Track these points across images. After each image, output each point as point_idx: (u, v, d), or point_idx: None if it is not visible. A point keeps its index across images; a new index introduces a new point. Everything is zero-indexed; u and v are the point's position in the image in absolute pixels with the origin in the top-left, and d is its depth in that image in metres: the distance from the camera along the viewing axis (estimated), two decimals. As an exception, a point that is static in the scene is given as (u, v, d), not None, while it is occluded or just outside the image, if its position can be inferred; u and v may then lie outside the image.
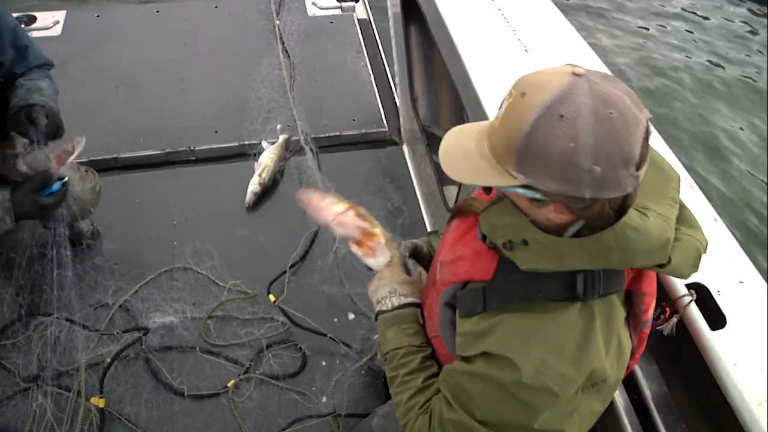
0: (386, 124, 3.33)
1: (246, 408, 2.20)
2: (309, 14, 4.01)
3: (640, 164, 0.89)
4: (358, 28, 3.92)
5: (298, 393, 2.24)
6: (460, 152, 1.01)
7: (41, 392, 2.14)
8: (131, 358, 2.29)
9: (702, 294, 1.35)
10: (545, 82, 0.90)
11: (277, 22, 3.83)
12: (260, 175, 2.90)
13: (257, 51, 3.65)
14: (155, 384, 2.24)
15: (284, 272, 2.56)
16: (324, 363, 2.33)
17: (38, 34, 3.63)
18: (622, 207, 0.94)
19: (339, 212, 1.50)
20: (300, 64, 3.58)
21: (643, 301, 1.13)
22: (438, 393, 1.20)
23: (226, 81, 3.48)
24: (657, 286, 1.17)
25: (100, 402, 2.12)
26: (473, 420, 1.07)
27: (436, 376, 1.26)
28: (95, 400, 2.12)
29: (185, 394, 2.21)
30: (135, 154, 3.08)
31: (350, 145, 3.27)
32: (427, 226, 2.83)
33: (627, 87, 0.90)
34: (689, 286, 1.35)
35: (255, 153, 3.04)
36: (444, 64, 2.14)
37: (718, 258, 1.46)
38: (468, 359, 1.10)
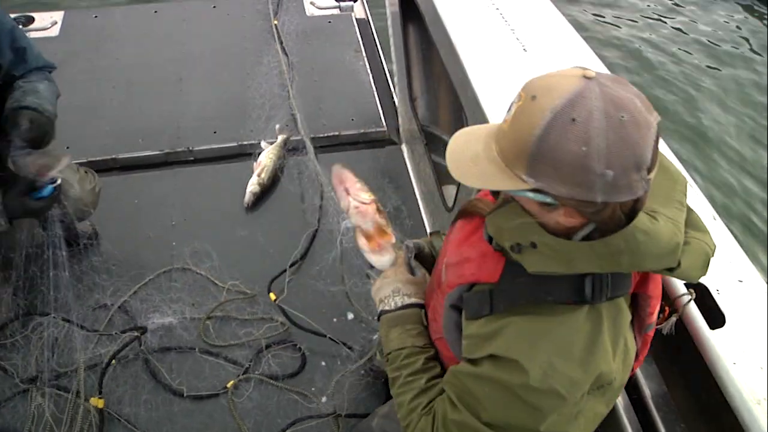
0: (385, 124, 3.33)
1: (245, 408, 2.19)
2: (307, 14, 4.01)
3: (651, 167, 0.89)
4: (357, 28, 3.92)
5: (298, 393, 2.24)
6: (468, 156, 1.00)
7: (40, 393, 2.14)
8: (130, 359, 2.29)
9: (701, 293, 1.35)
10: (556, 85, 0.89)
11: (275, 22, 3.82)
12: (259, 176, 2.90)
13: (256, 51, 3.65)
14: (154, 385, 2.24)
15: (284, 271, 2.56)
16: (323, 363, 2.33)
17: (36, 35, 3.62)
18: (633, 210, 0.94)
19: (365, 201, 1.49)
20: (298, 64, 3.57)
21: (649, 304, 1.13)
22: (441, 394, 1.19)
23: (225, 81, 3.48)
24: (657, 287, 1.16)
25: (99, 402, 2.12)
26: (479, 422, 1.06)
27: (440, 378, 1.25)
28: (94, 401, 2.12)
29: (184, 395, 2.21)
30: (133, 155, 3.07)
31: (349, 145, 3.26)
32: (426, 226, 2.83)
33: (636, 89, 0.89)
34: (688, 285, 1.34)
35: (254, 153, 3.04)
36: (442, 64, 2.14)
37: (717, 257, 1.46)
38: (474, 361, 1.09)
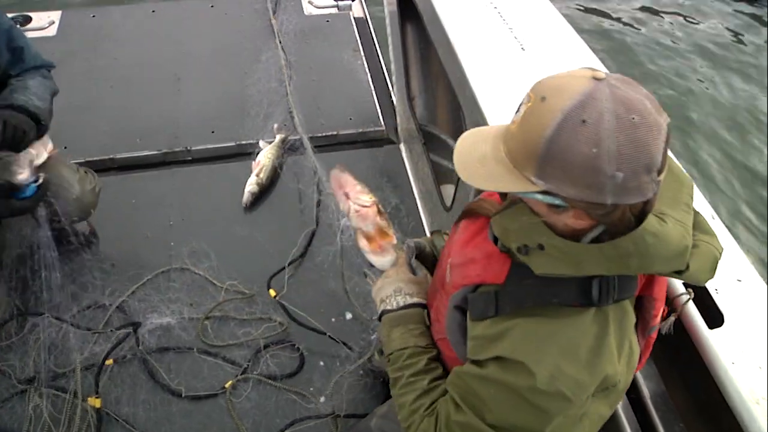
0: (383, 123, 3.32)
1: (244, 409, 2.19)
2: (305, 13, 4.00)
3: (661, 169, 0.89)
4: (355, 27, 3.90)
5: (296, 393, 2.23)
6: (476, 157, 0.99)
7: (38, 394, 2.14)
8: (128, 359, 2.29)
9: (700, 292, 1.34)
10: (566, 87, 0.88)
11: (274, 21, 3.81)
12: (258, 175, 2.90)
13: (254, 50, 3.64)
14: (153, 385, 2.24)
15: (283, 268, 2.56)
16: (322, 363, 2.32)
17: (33, 35, 3.61)
18: (642, 213, 0.94)
19: (366, 204, 1.48)
20: (296, 63, 3.57)
21: (654, 307, 1.13)
22: (444, 395, 1.19)
23: (223, 80, 3.47)
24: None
25: (96, 402, 2.12)
26: (483, 423, 1.06)
27: (442, 379, 1.25)
28: (92, 401, 2.12)
29: (183, 395, 2.21)
30: (131, 155, 3.07)
31: (347, 144, 3.26)
32: (425, 225, 2.83)
33: (646, 91, 0.89)
34: (687, 285, 1.34)
35: (252, 152, 3.03)
36: (440, 63, 2.14)
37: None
38: (480, 363, 1.09)
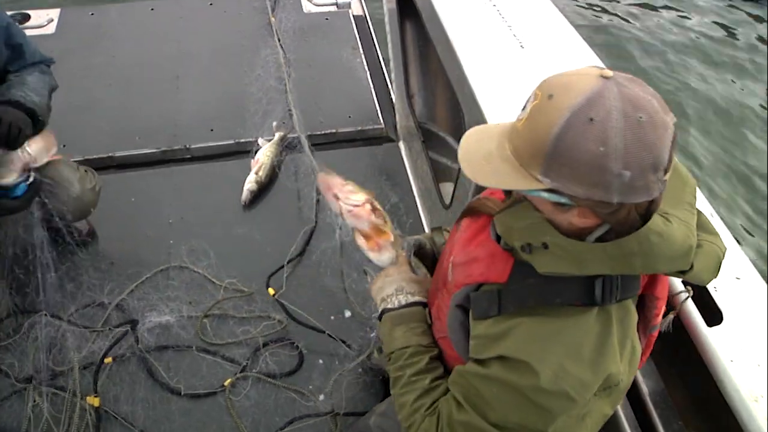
0: (382, 121, 3.32)
1: (243, 407, 2.19)
2: (304, 11, 3.99)
3: (667, 169, 0.89)
4: (354, 25, 3.90)
5: (296, 391, 2.23)
6: (481, 154, 0.99)
7: (37, 393, 2.14)
8: (127, 358, 2.28)
9: (698, 290, 1.34)
10: (573, 85, 0.88)
11: (273, 19, 3.81)
12: (257, 173, 2.89)
13: (252, 48, 3.63)
14: (152, 383, 2.24)
15: (282, 266, 2.56)
16: (321, 361, 2.32)
17: (32, 32, 3.60)
18: (648, 212, 0.94)
19: (356, 204, 1.46)
20: (295, 61, 3.56)
21: (656, 306, 1.13)
22: (445, 395, 1.18)
23: (222, 79, 3.46)
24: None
25: (95, 401, 2.12)
26: (486, 422, 1.06)
27: (443, 378, 1.25)
28: (90, 399, 2.12)
29: (182, 394, 2.21)
30: (130, 153, 3.06)
31: (346, 143, 3.25)
32: (424, 223, 2.83)
33: (653, 90, 0.89)
34: (686, 283, 1.34)
35: (251, 151, 3.03)
36: (439, 61, 2.13)
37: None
38: (482, 362, 1.09)
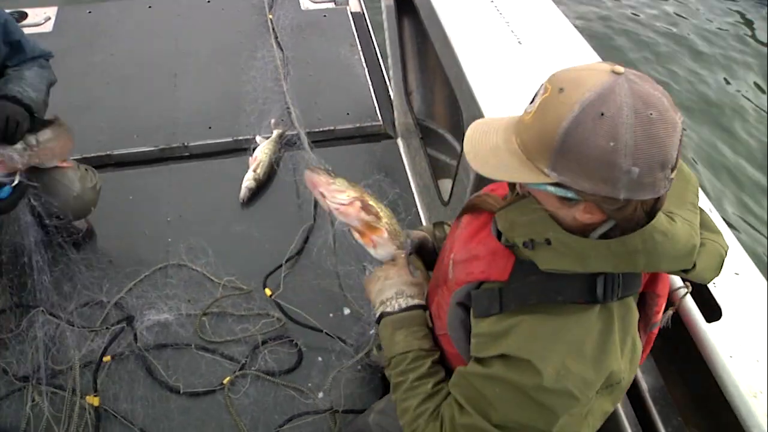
0: (380, 118, 3.32)
1: (242, 405, 2.19)
2: (302, 8, 3.99)
3: (674, 167, 0.89)
4: (352, 22, 3.90)
5: (295, 389, 2.23)
6: (488, 147, 0.99)
7: (36, 392, 2.13)
8: (126, 356, 2.28)
9: (697, 286, 1.34)
10: (585, 79, 0.88)
11: (270, 16, 3.80)
12: (255, 171, 2.89)
13: (250, 46, 3.63)
14: (151, 382, 2.23)
15: (280, 266, 2.55)
16: (320, 359, 2.32)
17: (29, 31, 3.59)
18: (653, 210, 0.93)
19: (342, 203, 1.45)
20: (293, 59, 3.56)
21: (656, 303, 1.13)
22: (447, 398, 1.18)
23: (220, 76, 3.46)
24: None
25: (95, 400, 2.11)
26: (489, 424, 1.06)
27: (445, 382, 1.24)
28: (90, 399, 2.11)
29: (181, 392, 2.20)
30: (128, 151, 3.06)
31: (344, 140, 3.25)
32: (423, 219, 2.82)
33: (662, 88, 0.89)
34: (685, 279, 1.34)
35: (249, 148, 3.02)
36: (437, 57, 2.13)
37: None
38: (484, 361, 1.08)
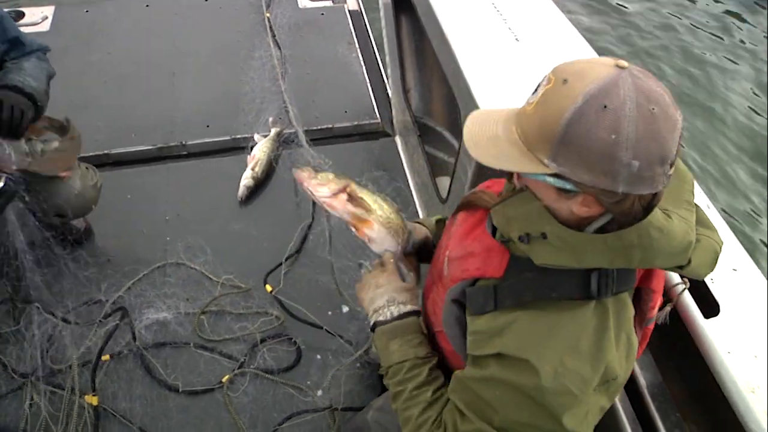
0: (378, 116, 3.31)
1: (241, 403, 2.19)
2: (300, 6, 3.99)
3: (673, 163, 0.89)
4: (350, 20, 3.90)
5: (294, 387, 2.23)
6: (488, 137, 0.99)
7: (35, 390, 2.13)
8: (125, 355, 2.28)
9: (695, 282, 1.34)
10: (589, 71, 0.88)
11: (268, 15, 3.80)
12: (253, 169, 2.89)
13: (248, 44, 3.63)
14: (150, 380, 2.23)
15: (280, 264, 2.55)
16: (319, 356, 2.32)
17: (26, 30, 3.55)
18: (650, 205, 0.94)
19: (327, 195, 1.42)
20: (291, 57, 3.55)
21: (651, 298, 1.13)
22: (448, 404, 1.18)
23: (217, 75, 3.46)
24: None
25: (93, 399, 2.11)
26: (491, 428, 1.06)
27: (444, 387, 1.24)
28: (89, 398, 2.11)
29: (180, 390, 2.20)
30: (126, 150, 3.05)
31: (342, 138, 3.25)
32: (421, 217, 2.82)
33: (664, 85, 0.89)
34: (682, 275, 1.34)
35: (247, 146, 3.02)
36: (435, 55, 2.13)
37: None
38: (481, 361, 1.08)
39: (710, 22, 5.98)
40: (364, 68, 3.57)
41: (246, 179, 2.86)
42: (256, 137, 3.05)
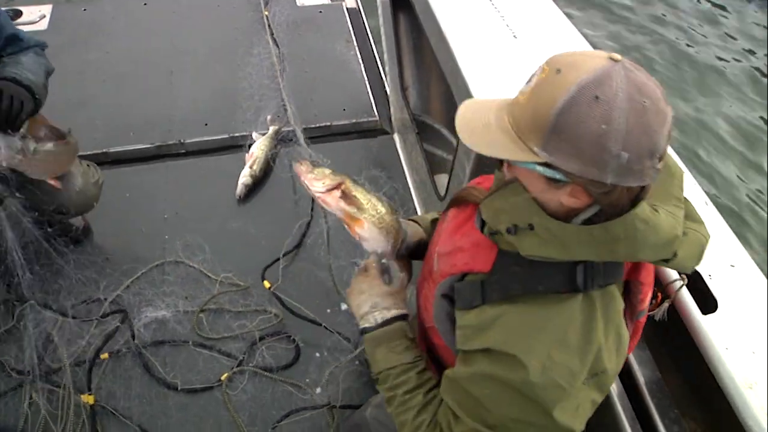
0: (377, 114, 3.31)
1: (240, 401, 2.19)
2: (298, 4, 3.99)
3: (662, 158, 0.89)
4: (348, 18, 3.90)
5: (292, 385, 2.23)
6: (480, 124, 0.99)
7: (33, 390, 2.13)
8: (124, 353, 2.28)
9: (693, 278, 1.34)
10: (582, 63, 0.89)
11: (266, 13, 3.79)
12: (251, 167, 2.89)
13: (246, 42, 3.62)
14: (148, 379, 2.24)
15: (278, 259, 2.55)
16: (317, 354, 2.32)
17: (24, 29, 3.54)
18: (637, 198, 0.94)
19: (321, 190, 1.40)
20: (289, 55, 3.54)
21: (641, 291, 1.13)
22: (442, 404, 1.18)
23: (216, 73, 3.45)
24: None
25: (90, 399, 2.11)
26: (485, 427, 1.06)
27: (437, 388, 1.23)
28: (85, 398, 2.11)
29: (179, 389, 2.20)
30: (125, 149, 3.05)
31: (341, 135, 3.25)
32: (419, 214, 2.82)
33: (656, 80, 0.89)
34: (680, 271, 1.34)
35: (245, 145, 3.02)
36: (433, 53, 2.13)
37: (710, 242, 1.46)
38: (470, 357, 1.08)
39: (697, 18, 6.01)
40: (362, 66, 3.57)
41: (244, 177, 2.86)
42: (255, 135, 3.05)
